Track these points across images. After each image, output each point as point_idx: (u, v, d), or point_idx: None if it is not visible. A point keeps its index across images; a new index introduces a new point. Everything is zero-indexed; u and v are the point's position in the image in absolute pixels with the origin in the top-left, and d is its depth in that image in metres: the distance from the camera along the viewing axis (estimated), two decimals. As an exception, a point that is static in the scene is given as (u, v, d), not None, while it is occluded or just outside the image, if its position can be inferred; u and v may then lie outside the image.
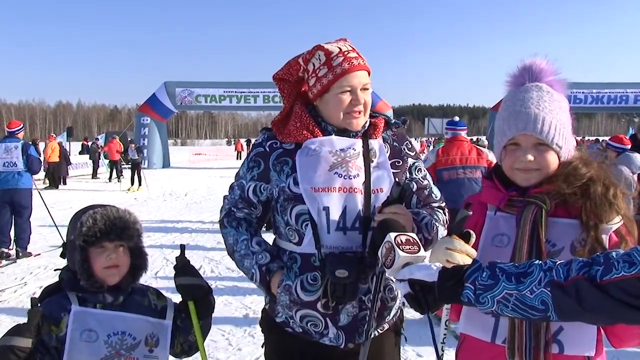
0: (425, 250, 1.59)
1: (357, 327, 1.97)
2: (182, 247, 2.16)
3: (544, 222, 1.59)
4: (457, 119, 7.08)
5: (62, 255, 2.03)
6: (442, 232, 2.07)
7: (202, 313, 2.08)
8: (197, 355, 2.15)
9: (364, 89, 2.01)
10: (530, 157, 1.62)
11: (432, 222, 2.05)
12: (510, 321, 1.58)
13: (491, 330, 1.66)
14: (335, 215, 1.95)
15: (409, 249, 1.56)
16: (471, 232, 1.63)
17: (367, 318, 1.92)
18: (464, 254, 1.58)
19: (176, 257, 2.11)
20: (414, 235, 1.63)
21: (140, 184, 19.41)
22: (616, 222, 1.60)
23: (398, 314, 2.15)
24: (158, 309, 2.05)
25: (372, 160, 2.05)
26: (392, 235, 1.59)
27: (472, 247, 1.64)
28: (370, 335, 1.90)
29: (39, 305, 1.83)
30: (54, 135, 22.76)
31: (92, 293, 1.92)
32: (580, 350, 1.59)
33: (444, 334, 1.68)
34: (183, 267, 2.08)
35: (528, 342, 1.56)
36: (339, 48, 2.01)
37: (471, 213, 1.65)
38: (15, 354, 1.70)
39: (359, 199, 1.98)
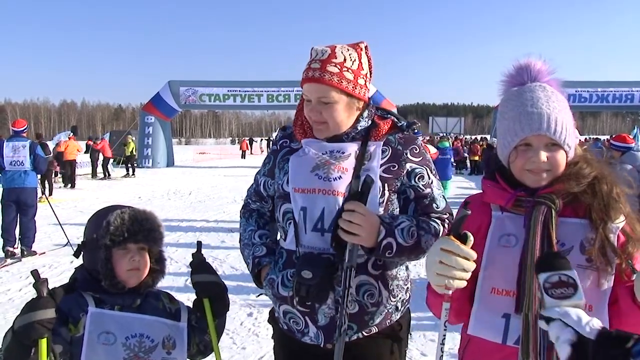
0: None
1: (335, 327, 1.96)
2: (199, 244, 2.16)
3: (554, 222, 1.58)
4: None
5: (76, 255, 1.98)
6: (432, 241, 1.98)
7: (217, 311, 2.07)
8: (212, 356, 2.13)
9: (323, 102, 1.98)
10: (544, 158, 1.60)
11: (412, 229, 1.96)
12: (525, 321, 1.56)
13: (502, 332, 1.63)
14: (312, 216, 1.97)
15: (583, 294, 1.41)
16: (469, 233, 1.58)
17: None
18: (460, 257, 1.54)
19: (193, 254, 2.11)
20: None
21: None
22: (621, 221, 1.60)
23: (395, 319, 2.10)
24: (172, 312, 2.04)
25: (365, 164, 2.01)
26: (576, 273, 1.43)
27: (470, 248, 1.60)
28: (343, 332, 1.90)
29: (39, 275, 1.76)
30: (71, 135, 22.77)
31: (109, 294, 1.89)
32: None
33: (444, 336, 1.65)
34: (199, 264, 2.08)
35: (542, 342, 1.54)
36: (316, 52, 2.02)
37: (470, 212, 1.61)
38: (45, 326, 1.66)
39: (340, 201, 1.95)
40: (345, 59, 1.99)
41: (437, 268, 1.55)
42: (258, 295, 2.31)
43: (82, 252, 1.97)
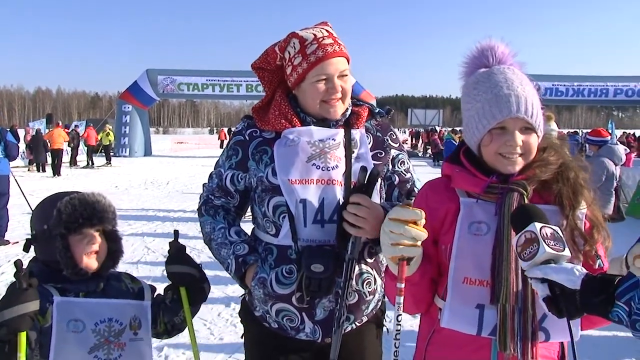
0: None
1: (333, 321, 1.93)
2: (176, 233, 2.09)
3: None
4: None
5: (26, 249, 1.91)
6: None
7: (194, 300, 2.05)
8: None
9: (342, 75, 1.96)
10: (520, 142, 1.57)
11: None
12: (502, 312, 1.54)
13: (477, 323, 1.59)
14: (312, 207, 1.91)
15: (554, 244, 1.36)
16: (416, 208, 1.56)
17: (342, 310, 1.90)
18: (408, 223, 1.50)
19: (170, 243, 2.05)
20: (559, 230, 1.42)
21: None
22: (585, 207, 1.60)
23: (379, 306, 2.11)
24: (135, 291, 2.02)
25: (353, 151, 2.00)
26: (537, 225, 1.39)
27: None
28: (342, 323, 1.87)
29: (23, 266, 1.73)
30: (59, 123, 22.66)
31: (71, 282, 1.86)
32: (565, 336, 1.52)
33: (397, 330, 1.60)
34: (175, 254, 2.03)
35: (519, 332, 1.53)
36: (314, 34, 1.96)
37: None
38: (33, 318, 1.67)
39: (338, 190, 1.93)
40: (337, 37, 2.02)
41: (389, 238, 1.53)
42: (242, 296, 2.19)
43: (31, 246, 1.91)
